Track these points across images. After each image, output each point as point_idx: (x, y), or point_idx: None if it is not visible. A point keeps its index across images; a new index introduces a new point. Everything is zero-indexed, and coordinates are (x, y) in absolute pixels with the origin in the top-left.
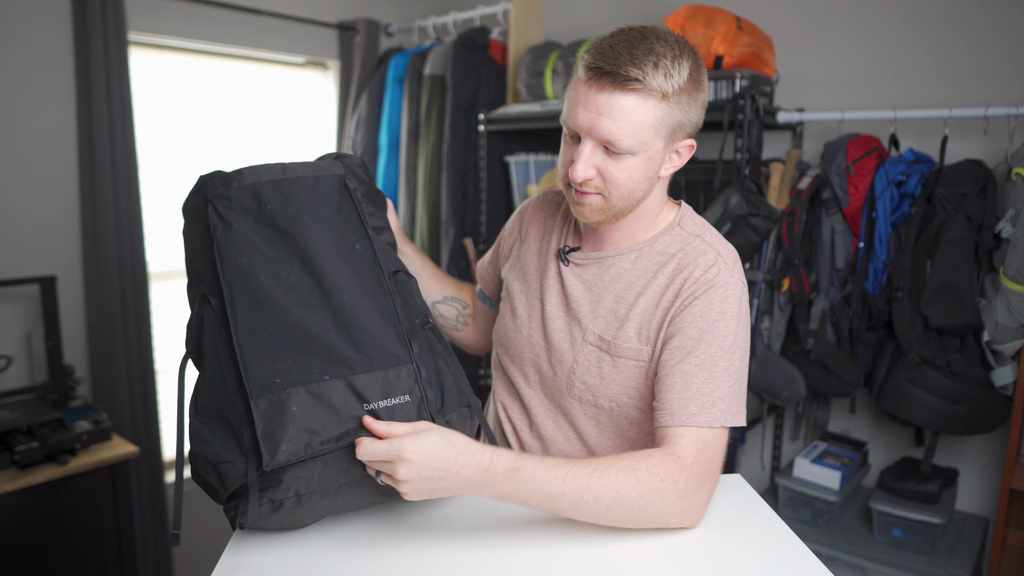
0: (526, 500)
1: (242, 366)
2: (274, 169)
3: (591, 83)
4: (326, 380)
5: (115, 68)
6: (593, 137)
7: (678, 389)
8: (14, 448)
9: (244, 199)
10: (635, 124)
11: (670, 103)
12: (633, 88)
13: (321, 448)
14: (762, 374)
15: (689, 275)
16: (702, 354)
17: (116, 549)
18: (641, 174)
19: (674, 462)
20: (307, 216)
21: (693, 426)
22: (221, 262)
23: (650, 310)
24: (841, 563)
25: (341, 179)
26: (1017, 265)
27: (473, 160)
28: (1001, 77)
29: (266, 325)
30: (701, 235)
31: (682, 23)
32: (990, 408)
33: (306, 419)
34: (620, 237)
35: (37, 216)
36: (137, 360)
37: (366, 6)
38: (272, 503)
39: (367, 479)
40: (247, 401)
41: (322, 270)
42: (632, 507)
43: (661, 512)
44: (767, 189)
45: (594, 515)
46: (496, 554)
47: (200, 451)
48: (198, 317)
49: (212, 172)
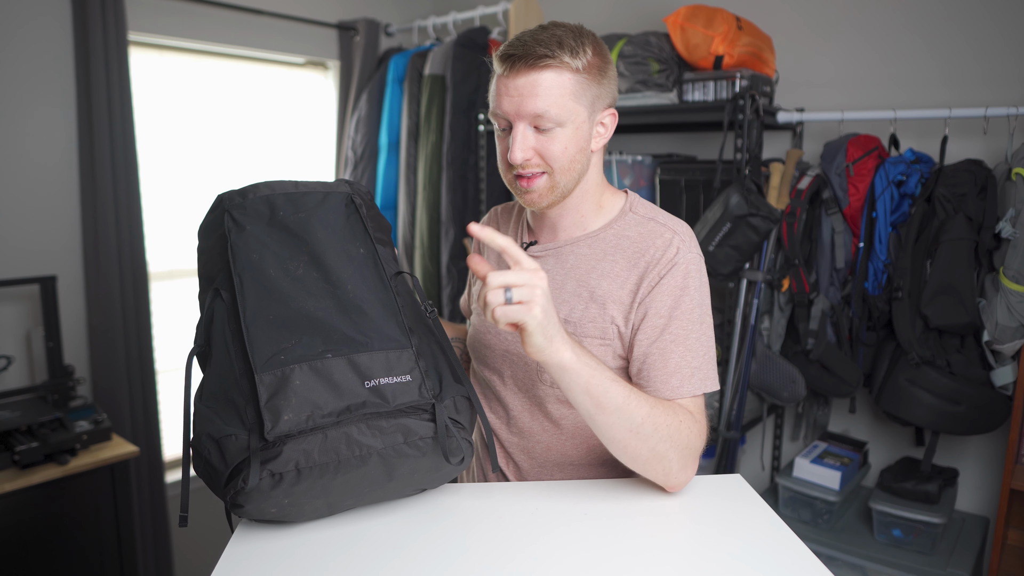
0: (590, 379)
1: (248, 345)
2: (286, 185)
3: (508, 71)
4: (328, 357)
5: (115, 68)
6: (523, 118)
7: (658, 366)
8: (14, 448)
9: (258, 207)
10: (556, 96)
11: (583, 76)
12: (546, 64)
13: (323, 421)
14: (762, 374)
15: (652, 258)
16: (675, 329)
17: (116, 549)
18: (575, 145)
19: (688, 415)
20: (316, 221)
21: (678, 398)
22: (233, 258)
23: (614, 291)
24: (841, 563)
25: (348, 196)
26: (1017, 265)
27: (473, 160)
28: (1001, 77)
29: (273, 310)
30: (654, 217)
31: (682, 23)
32: (990, 408)
33: (308, 392)
34: (572, 222)
35: (37, 216)
36: (137, 360)
37: (366, 6)
38: (272, 476)
39: (367, 458)
40: (252, 380)
41: (328, 265)
42: (656, 432)
43: (671, 453)
44: (767, 189)
45: (626, 423)
46: (496, 555)
47: (203, 429)
48: (208, 312)
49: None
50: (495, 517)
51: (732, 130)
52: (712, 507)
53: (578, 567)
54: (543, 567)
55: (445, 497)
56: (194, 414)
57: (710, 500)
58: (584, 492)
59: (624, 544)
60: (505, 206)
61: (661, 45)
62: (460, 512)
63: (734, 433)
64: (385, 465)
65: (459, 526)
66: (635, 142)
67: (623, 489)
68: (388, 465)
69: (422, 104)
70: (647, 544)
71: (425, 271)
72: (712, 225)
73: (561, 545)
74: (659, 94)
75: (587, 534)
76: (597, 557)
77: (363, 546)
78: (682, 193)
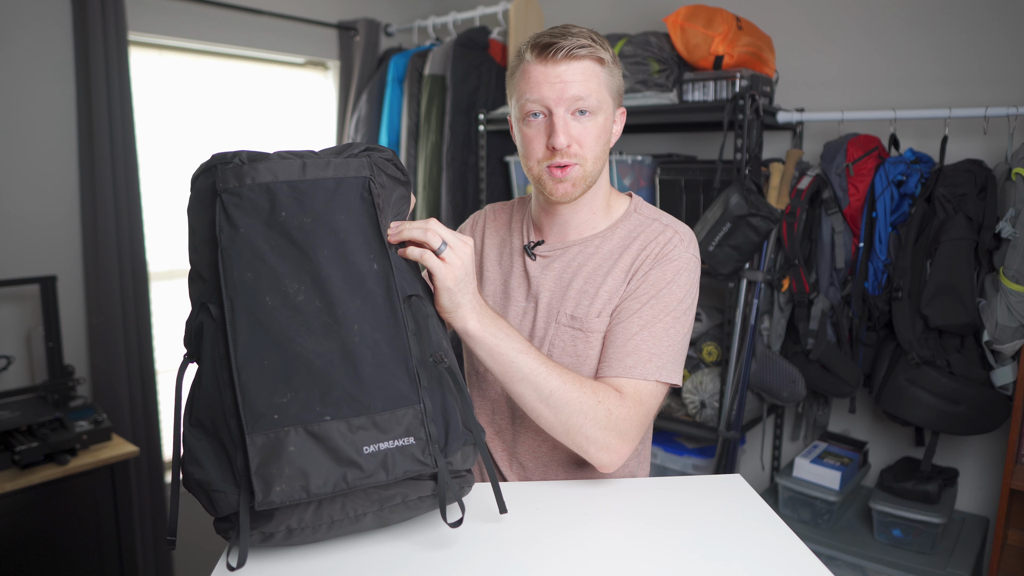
0: (493, 347)
1: (239, 394)
2: (293, 167)
3: (546, 60)
4: (327, 420)
5: (115, 68)
6: (564, 104)
7: (619, 344)
8: (14, 448)
9: (256, 198)
10: (595, 83)
11: (609, 68)
12: (584, 54)
13: (316, 493)
14: (762, 374)
15: (649, 252)
16: (645, 314)
17: (116, 549)
18: (604, 135)
19: (615, 395)
20: (323, 229)
21: (629, 378)
22: (224, 272)
23: (616, 286)
24: (841, 563)
25: (365, 182)
26: (1017, 265)
27: (473, 160)
28: (1001, 77)
29: (267, 354)
30: (658, 218)
31: (682, 23)
32: (990, 408)
33: (303, 461)
34: (582, 220)
35: (37, 216)
36: (137, 360)
37: (366, 6)
38: (262, 535)
39: (362, 517)
40: (242, 425)
41: (333, 294)
42: (567, 406)
43: (587, 428)
44: (767, 189)
45: (535, 393)
46: (496, 557)
47: (192, 473)
48: (197, 321)
49: (226, 155)
50: (496, 517)
51: (732, 130)
52: (712, 507)
53: (578, 567)
54: (543, 567)
55: None
56: (183, 441)
57: (710, 500)
58: (585, 492)
59: (624, 544)
60: (501, 205)
61: (661, 45)
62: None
63: (734, 433)
64: (380, 521)
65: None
66: (635, 142)
67: (624, 489)
68: (383, 521)
69: (422, 104)
70: (647, 544)
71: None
72: (712, 225)
73: (561, 545)
74: (659, 94)
75: (587, 534)
76: (597, 557)
77: (362, 546)
78: (682, 193)
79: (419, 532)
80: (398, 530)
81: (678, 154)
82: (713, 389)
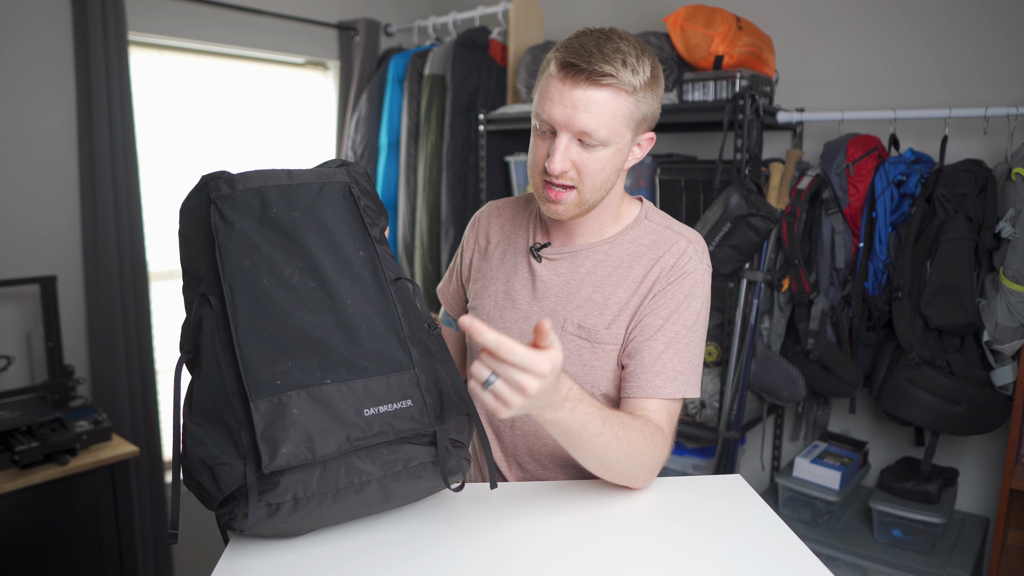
0: (567, 429)
1: (242, 366)
2: (279, 175)
3: (565, 79)
4: (327, 384)
5: (115, 68)
6: (570, 130)
7: (647, 364)
8: (14, 448)
9: (248, 200)
10: (609, 116)
11: (637, 97)
12: (607, 83)
13: (321, 454)
14: (762, 374)
15: (664, 265)
16: (669, 332)
17: (116, 549)
18: (612, 165)
19: (660, 434)
20: (311, 220)
21: (658, 398)
22: (222, 262)
23: (628, 296)
24: (841, 563)
25: (346, 186)
26: (1017, 265)
27: (473, 160)
28: (1001, 77)
29: (267, 326)
30: (669, 226)
31: (682, 23)
32: (990, 408)
33: (307, 422)
34: (589, 229)
35: (37, 216)
36: (137, 360)
37: (366, 6)
38: (269, 507)
39: (366, 484)
40: (246, 402)
41: (325, 274)
42: (634, 461)
43: (641, 472)
44: (767, 189)
45: (610, 459)
46: (496, 558)
47: (195, 452)
48: (196, 317)
49: (216, 172)
50: (495, 517)
51: (732, 130)
52: (712, 507)
53: (578, 567)
54: (543, 567)
55: (445, 497)
56: (184, 431)
57: (710, 500)
58: (584, 492)
59: (624, 544)
60: (503, 202)
61: (661, 45)
62: (460, 512)
63: (734, 433)
64: (383, 490)
65: (459, 526)
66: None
67: (624, 489)
68: (386, 490)
69: (422, 104)
70: (647, 544)
71: (425, 271)
72: (712, 225)
73: (561, 545)
74: None
75: (587, 534)
76: (597, 557)
77: (362, 546)
78: (682, 193)
79: (419, 531)
80: (398, 529)
81: (678, 154)
82: (713, 389)
